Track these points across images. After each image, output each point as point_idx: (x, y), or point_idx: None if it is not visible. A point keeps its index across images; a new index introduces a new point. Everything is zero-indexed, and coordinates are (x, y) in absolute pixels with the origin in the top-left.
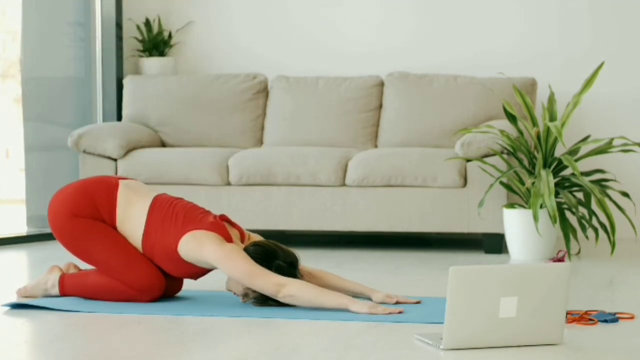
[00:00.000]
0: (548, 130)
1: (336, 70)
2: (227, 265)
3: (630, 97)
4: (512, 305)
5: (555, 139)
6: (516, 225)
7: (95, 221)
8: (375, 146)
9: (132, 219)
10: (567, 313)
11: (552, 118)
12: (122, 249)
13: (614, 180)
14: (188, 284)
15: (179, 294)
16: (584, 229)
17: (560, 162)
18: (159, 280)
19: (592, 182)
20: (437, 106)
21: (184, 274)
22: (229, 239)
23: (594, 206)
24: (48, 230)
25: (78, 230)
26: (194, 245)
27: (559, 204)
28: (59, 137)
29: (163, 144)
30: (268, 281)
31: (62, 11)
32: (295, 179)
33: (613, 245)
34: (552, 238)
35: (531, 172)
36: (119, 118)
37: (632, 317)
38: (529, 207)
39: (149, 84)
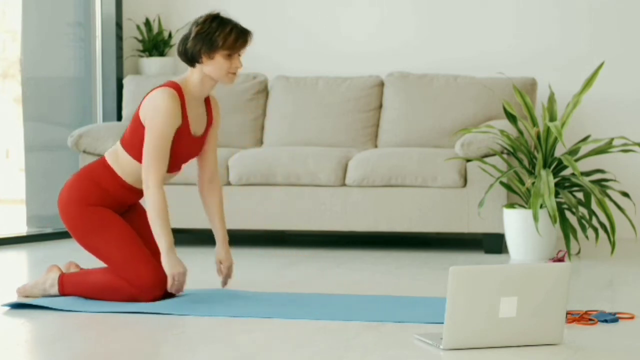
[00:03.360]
0: (548, 130)
1: (336, 70)
2: (146, 133)
3: (630, 97)
4: (512, 305)
5: (555, 139)
6: (516, 225)
7: (107, 211)
8: (375, 146)
9: (121, 159)
10: (567, 313)
11: (552, 118)
12: (130, 245)
13: (614, 180)
14: (188, 284)
15: (179, 293)
16: (584, 229)
17: (560, 162)
18: (161, 280)
19: (592, 182)
20: (437, 106)
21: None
22: (182, 98)
23: (594, 206)
24: (48, 230)
25: (89, 222)
26: (147, 102)
27: (559, 204)
28: (59, 137)
29: None
30: (147, 171)
31: (62, 11)
32: (295, 179)
33: (613, 245)
34: (552, 238)
35: (531, 172)
36: (119, 118)
37: (632, 317)
38: (529, 207)
39: (149, 84)
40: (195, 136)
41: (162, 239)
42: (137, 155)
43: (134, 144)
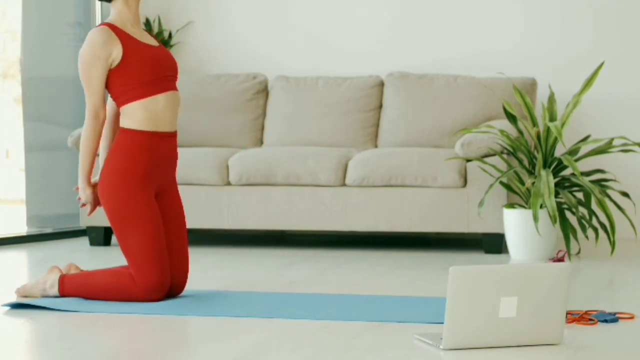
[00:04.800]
0: (548, 130)
1: (336, 70)
2: (81, 70)
3: (630, 97)
4: (512, 305)
5: (555, 139)
6: (516, 225)
7: (146, 201)
8: (375, 146)
9: (128, 114)
10: (567, 313)
11: (552, 118)
12: (151, 243)
13: (614, 180)
14: (189, 284)
15: (181, 293)
16: (584, 229)
17: (560, 162)
18: (165, 284)
19: (592, 182)
20: (437, 106)
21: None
22: (112, 27)
23: (594, 206)
24: (48, 230)
25: (126, 207)
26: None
27: (559, 204)
28: (59, 137)
29: None
30: (90, 103)
31: (62, 11)
32: (295, 179)
33: (613, 245)
34: (552, 238)
35: (531, 172)
36: None
37: (632, 317)
38: (529, 207)
39: None
40: (153, 45)
41: (80, 164)
42: (131, 96)
43: (120, 92)
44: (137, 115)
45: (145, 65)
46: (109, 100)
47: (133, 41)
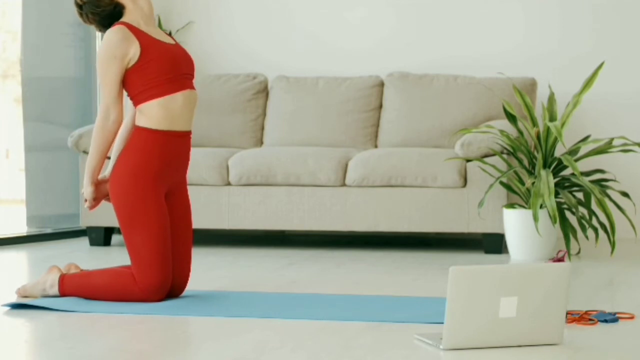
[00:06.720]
0: (548, 130)
1: (336, 70)
2: (98, 70)
3: (630, 97)
4: (512, 305)
5: (555, 139)
6: (516, 225)
7: (156, 200)
8: (375, 146)
9: (144, 112)
10: (567, 313)
11: (552, 118)
12: (156, 244)
13: (614, 180)
14: (189, 284)
15: (181, 294)
16: (584, 229)
17: (560, 162)
18: (166, 286)
19: (592, 182)
20: (437, 106)
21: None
22: (128, 25)
23: (594, 206)
24: (48, 230)
25: (134, 206)
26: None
27: (559, 204)
28: (59, 137)
29: None
30: (103, 101)
31: (62, 11)
32: (295, 179)
33: (613, 245)
34: (552, 238)
35: (531, 172)
36: None
37: (632, 317)
38: (529, 207)
39: None
40: (169, 43)
41: (87, 161)
42: (149, 95)
43: (139, 91)
44: (154, 113)
45: (164, 63)
46: (130, 105)
47: (150, 39)
